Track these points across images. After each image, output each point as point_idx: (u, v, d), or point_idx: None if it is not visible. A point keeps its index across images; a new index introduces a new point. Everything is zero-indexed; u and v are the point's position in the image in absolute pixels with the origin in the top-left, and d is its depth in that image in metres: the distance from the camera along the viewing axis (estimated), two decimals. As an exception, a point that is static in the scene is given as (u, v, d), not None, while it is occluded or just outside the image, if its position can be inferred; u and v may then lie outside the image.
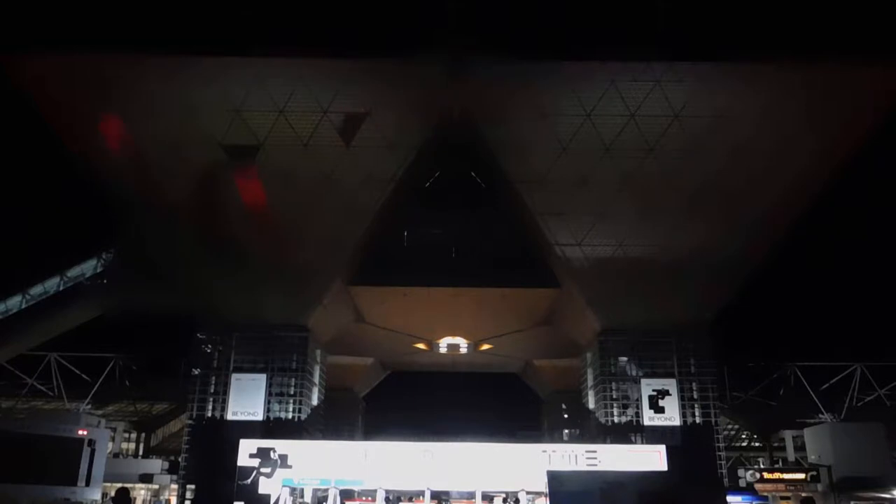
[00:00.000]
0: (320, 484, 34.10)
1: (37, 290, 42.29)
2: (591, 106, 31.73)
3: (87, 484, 37.80)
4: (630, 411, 38.61)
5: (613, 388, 39.38)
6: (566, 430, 53.28)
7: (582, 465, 33.02)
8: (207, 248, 35.67)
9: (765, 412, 53.67)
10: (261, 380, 38.59)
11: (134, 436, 54.96)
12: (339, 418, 49.47)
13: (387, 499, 34.63)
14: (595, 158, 32.86)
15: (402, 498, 38.04)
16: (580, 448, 34.43)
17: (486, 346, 48.68)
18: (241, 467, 33.33)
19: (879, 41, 29.23)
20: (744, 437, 60.03)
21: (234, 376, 38.71)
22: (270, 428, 37.50)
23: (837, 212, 48.03)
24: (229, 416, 37.85)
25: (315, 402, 41.76)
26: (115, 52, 29.91)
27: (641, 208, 34.53)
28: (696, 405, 38.55)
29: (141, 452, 53.57)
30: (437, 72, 30.94)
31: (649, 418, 38.00)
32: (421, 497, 34.61)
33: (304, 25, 30.41)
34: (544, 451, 34.01)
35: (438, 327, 46.36)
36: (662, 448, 34.09)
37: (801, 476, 41.25)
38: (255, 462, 33.41)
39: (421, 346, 48.93)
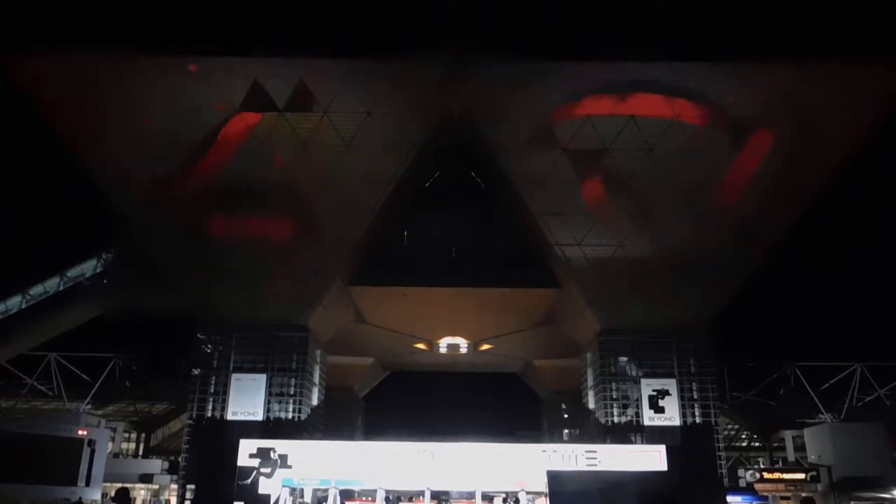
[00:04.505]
0: (320, 484, 34.07)
1: (37, 290, 42.28)
2: (591, 106, 31.80)
3: (87, 484, 37.75)
4: (630, 411, 38.60)
5: (613, 388, 39.36)
6: (566, 430, 53.24)
7: (582, 465, 32.97)
8: (207, 247, 35.68)
9: (765, 412, 53.63)
10: (261, 380, 38.58)
11: (134, 436, 54.87)
12: (339, 418, 49.42)
13: (387, 499, 34.61)
14: (596, 158, 32.87)
15: (402, 498, 38.00)
16: (580, 448, 34.38)
17: (486, 346, 48.68)
18: (241, 467, 33.30)
19: (879, 41, 29.27)
20: (744, 437, 59.97)
21: (234, 376, 38.69)
22: (270, 428, 37.48)
23: (837, 212, 48.10)
24: (229, 416, 37.84)
25: (315, 402, 41.75)
26: (115, 52, 29.93)
27: (641, 208, 34.52)
28: (696, 405, 38.54)
29: (141, 452, 53.54)
30: (437, 72, 30.97)
31: (649, 418, 38.00)
32: (421, 497, 34.59)
33: (304, 25, 30.44)
34: (544, 451, 33.98)
35: (438, 327, 46.37)
36: (662, 448, 34.05)
37: (801, 476, 41.22)
38: (255, 462, 33.36)
39: (421, 346, 48.93)
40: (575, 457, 33.40)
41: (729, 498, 38.00)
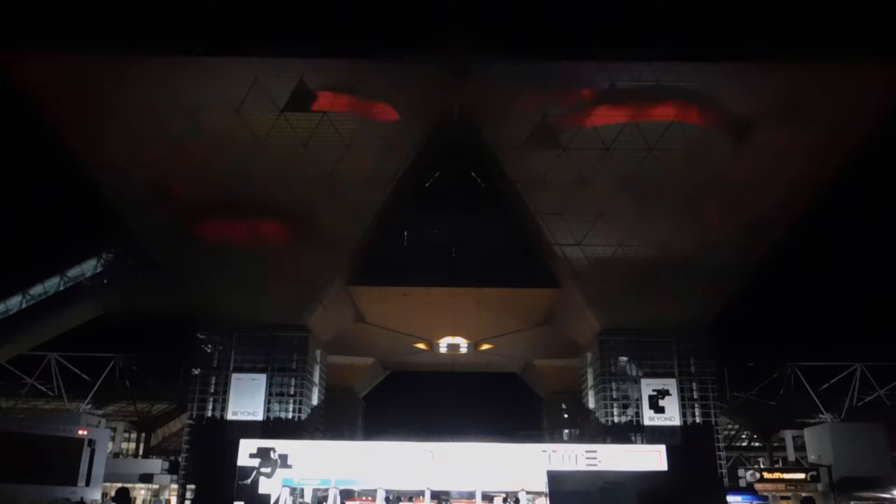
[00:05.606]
0: (320, 484, 34.09)
1: (37, 290, 42.31)
2: (591, 106, 31.77)
3: (88, 484, 37.77)
4: (630, 411, 38.61)
5: (613, 388, 39.37)
6: (566, 430, 53.28)
7: (582, 465, 32.98)
8: (208, 248, 35.66)
9: (765, 412, 53.63)
10: (261, 380, 38.62)
11: (134, 436, 54.95)
12: (339, 418, 49.45)
13: (387, 499, 34.62)
14: (595, 158, 32.87)
15: (402, 498, 38.02)
16: (580, 448, 34.39)
17: (486, 346, 48.68)
18: (241, 467, 33.32)
19: (879, 41, 29.27)
20: (744, 437, 60.02)
21: (234, 376, 38.73)
22: (270, 428, 37.51)
23: (837, 212, 48.08)
24: (229, 416, 37.87)
25: (315, 402, 41.77)
26: (115, 52, 29.91)
27: (641, 208, 34.52)
28: (696, 405, 38.55)
29: (141, 452, 53.57)
30: (438, 72, 30.95)
31: (649, 418, 38.02)
32: (421, 497, 34.61)
33: (304, 25, 30.45)
34: (544, 451, 33.97)
35: (438, 327, 46.35)
36: (662, 448, 34.06)
37: (801, 476, 41.28)
38: (255, 462, 33.38)
39: (421, 346, 48.93)
40: (575, 457, 33.40)
41: (729, 498, 38.02)
